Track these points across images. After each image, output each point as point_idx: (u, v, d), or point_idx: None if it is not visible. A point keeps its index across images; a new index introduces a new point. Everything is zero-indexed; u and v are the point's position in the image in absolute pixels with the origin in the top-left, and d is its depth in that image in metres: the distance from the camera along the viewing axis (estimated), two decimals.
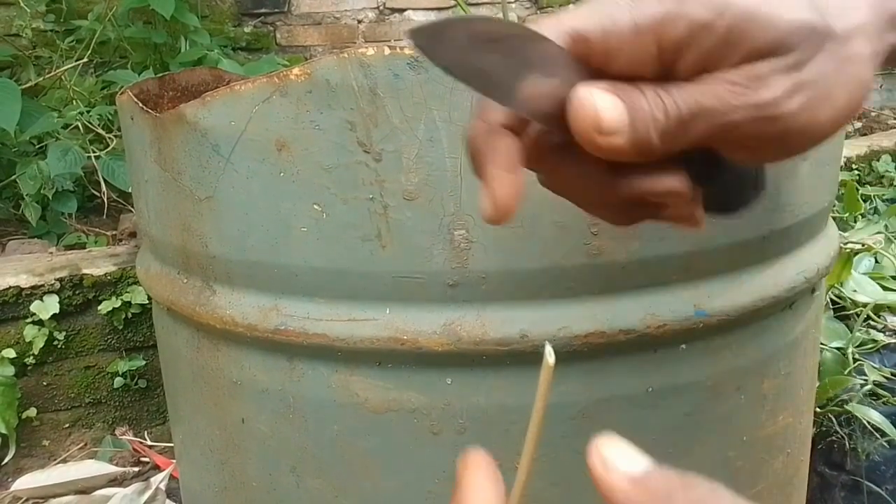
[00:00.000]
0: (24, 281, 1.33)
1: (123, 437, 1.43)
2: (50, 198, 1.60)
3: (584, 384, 0.56)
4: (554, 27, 0.32)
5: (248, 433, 0.65)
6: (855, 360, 1.15)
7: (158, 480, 1.26)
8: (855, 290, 1.22)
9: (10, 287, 1.32)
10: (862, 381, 1.13)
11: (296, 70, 0.53)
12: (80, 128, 1.63)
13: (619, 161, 0.33)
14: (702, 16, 0.30)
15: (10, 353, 1.32)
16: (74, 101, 1.70)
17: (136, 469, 1.36)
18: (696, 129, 0.32)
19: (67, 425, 1.42)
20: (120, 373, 1.41)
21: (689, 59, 0.31)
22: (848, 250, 1.29)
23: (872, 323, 1.21)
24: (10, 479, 1.32)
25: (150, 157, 0.64)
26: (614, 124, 0.31)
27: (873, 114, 2.83)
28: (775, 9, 0.31)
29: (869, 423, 1.10)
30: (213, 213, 0.60)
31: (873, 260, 1.32)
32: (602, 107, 0.31)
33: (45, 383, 1.39)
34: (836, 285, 1.22)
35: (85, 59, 1.78)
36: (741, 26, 0.31)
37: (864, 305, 1.20)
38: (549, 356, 0.33)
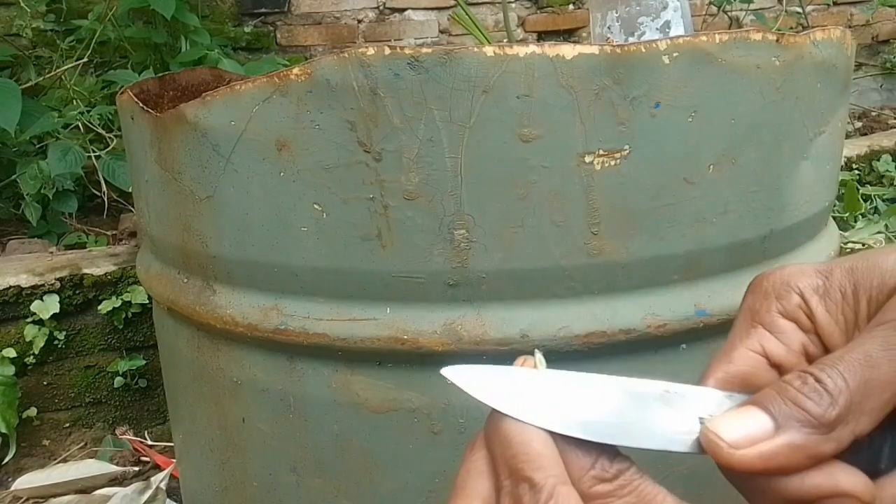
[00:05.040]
0: (25, 280, 1.33)
1: (124, 436, 1.43)
2: (50, 197, 1.60)
3: None
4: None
5: (249, 433, 0.65)
6: None
7: (159, 480, 1.26)
8: None
9: (10, 287, 1.32)
10: None
11: (296, 70, 0.53)
12: (81, 127, 1.63)
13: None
14: None
15: (11, 352, 1.32)
16: (75, 101, 1.70)
17: (137, 469, 1.36)
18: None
19: (68, 425, 1.42)
20: (120, 372, 1.41)
21: None
22: (848, 250, 1.29)
23: None
24: (10, 479, 1.32)
25: (150, 156, 0.64)
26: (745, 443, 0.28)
27: (873, 113, 2.83)
28: None
29: None
30: (213, 213, 0.60)
31: None
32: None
33: (45, 383, 1.39)
34: None
35: (85, 59, 1.78)
36: None
37: None
38: (541, 364, 0.33)
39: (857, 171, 2.10)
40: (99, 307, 1.37)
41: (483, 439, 0.32)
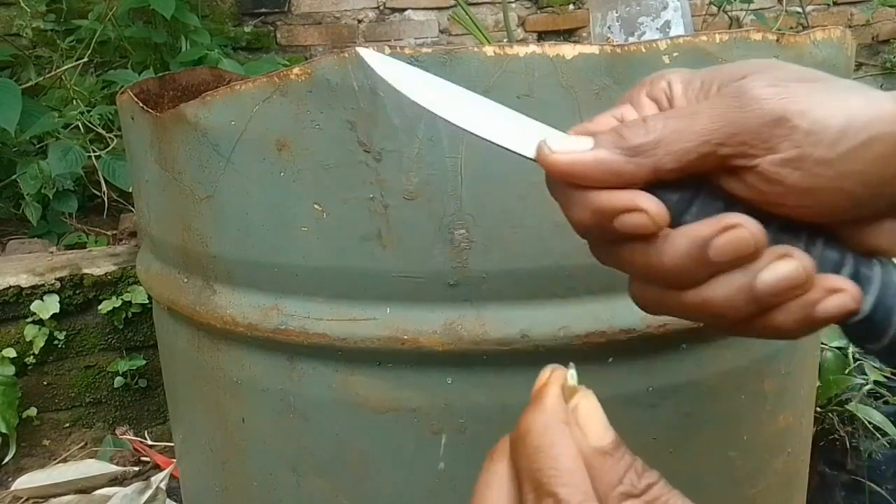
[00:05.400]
0: (25, 280, 1.33)
1: (124, 436, 1.43)
2: (50, 197, 1.60)
3: (583, 384, 0.56)
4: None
5: (249, 433, 0.65)
6: (855, 359, 1.15)
7: (159, 480, 1.26)
8: None
9: (10, 287, 1.32)
10: (862, 381, 1.13)
11: (296, 70, 0.53)
12: (81, 127, 1.63)
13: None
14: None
15: (11, 352, 1.32)
16: (75, 101, 1.70)
17: (137, 468, 1.36)
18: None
19: (68, 425, 1.42)
20: (120, 372, 1.41)
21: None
22: None
23: None
24: (10, 479, 1.32)
25: (150, 156, 0.64)
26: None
27: None
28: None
29: (870, 422, 1.10)
30: (213, 213, 0.60)
31: None
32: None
33: (45, 383, 1.39)
34: None
35: (85, 59, 1.78)
36: None
37: None
38: (572, 378, 0.33)
39: None
40: (99, 307, 1.37)
41: (505, 449, 0.32)
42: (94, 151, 1.61)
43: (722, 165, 0.32)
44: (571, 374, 0.33)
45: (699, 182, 0.33)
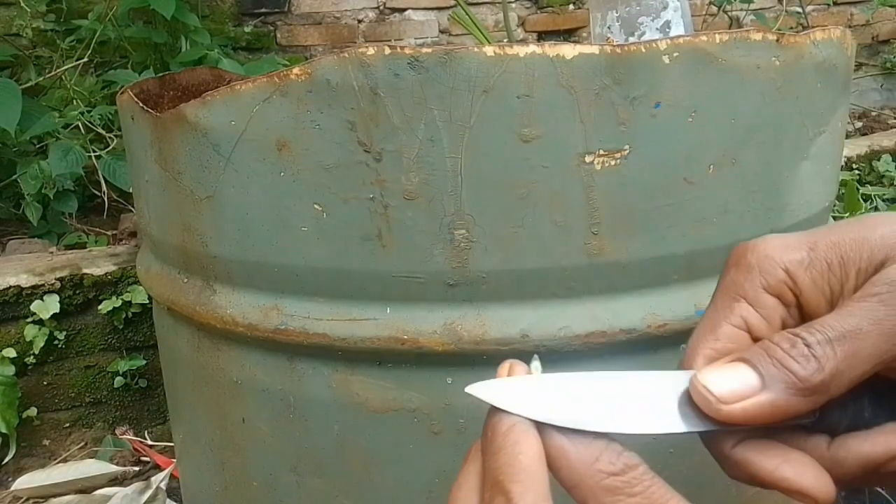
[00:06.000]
0: (25, 280, 1.33)
1: (124, 436, 1.43)
2: (51, 197, 1.60)
3: None
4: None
5: (249, 433, 0.65)
6: None
7: (159, 480, 1.26)
8: None
9: (10, 287, 1.32)
10: None
11: (296, 70, 0.53)
12: (81, 128, 1.63)
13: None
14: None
15: (11, 352, 1.32)
16: (75, 101, 1.70)
17: (137, 468, 1.36)
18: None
19: (68, 425, 1.42)
20: (120, 372, 1.41)
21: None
22: None
23: None
24: (10, 479, 1.32)
25: (150, 156, 0.64)
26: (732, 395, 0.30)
27: (874, 113, 2.83)
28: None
29: None
30: (213, 213, 0.60)
31: None
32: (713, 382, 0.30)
33: (45, 383, 1.39)
34: None
35: (85, 59, 1.78)
36: None
37: None
38: (536, 370, 0.32)
39: (857, 171, 2.10)
40: (99, 307, 1.37)
41: (479, 450, 0.32)
42: (95, 151, 1.61)
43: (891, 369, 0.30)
44: (535, 367, 0.33)
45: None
